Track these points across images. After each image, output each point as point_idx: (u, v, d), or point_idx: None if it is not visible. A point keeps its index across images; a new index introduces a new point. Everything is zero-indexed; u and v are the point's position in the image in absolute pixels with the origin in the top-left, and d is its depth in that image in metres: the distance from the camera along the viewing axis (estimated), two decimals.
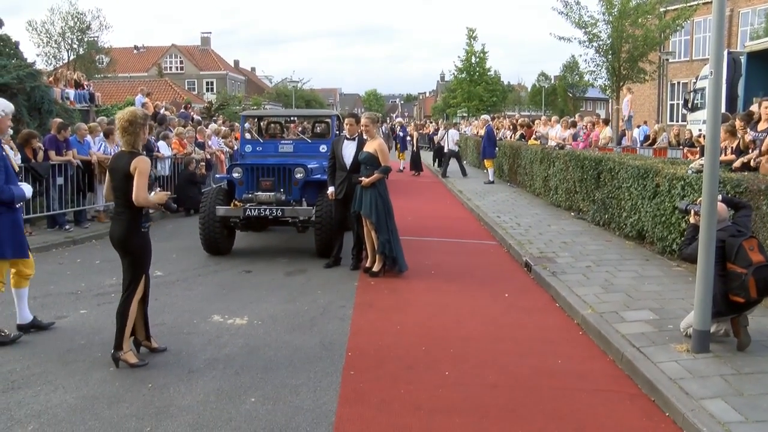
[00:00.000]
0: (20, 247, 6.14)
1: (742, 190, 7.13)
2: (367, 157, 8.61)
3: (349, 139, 9.09)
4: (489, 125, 21.96)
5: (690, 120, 21.49)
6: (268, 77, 79.85)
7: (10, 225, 6.04)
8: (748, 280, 5.28)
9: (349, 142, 9.06)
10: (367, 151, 8.63)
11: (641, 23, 26.09)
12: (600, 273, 8.23)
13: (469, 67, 48.24)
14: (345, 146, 9.08)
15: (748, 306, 5.43)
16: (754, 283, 5.28)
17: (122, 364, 5.42)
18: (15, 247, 6.07)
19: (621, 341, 5.77)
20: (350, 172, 8.91)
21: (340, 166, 9.07)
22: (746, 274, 5.30)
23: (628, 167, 10.18)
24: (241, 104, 42.07)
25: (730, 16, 32.57)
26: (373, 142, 8.74)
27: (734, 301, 5.41)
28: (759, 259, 5.36)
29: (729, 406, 4.44)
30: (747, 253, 5.38)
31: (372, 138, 8.83)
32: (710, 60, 5.54)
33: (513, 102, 64.95)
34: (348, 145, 9.07)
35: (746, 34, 31.51)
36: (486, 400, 4.89)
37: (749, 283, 5.28)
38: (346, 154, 9.03)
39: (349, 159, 9.00)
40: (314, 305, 7.35)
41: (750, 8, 33.14)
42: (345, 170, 9.00)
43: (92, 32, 46.02)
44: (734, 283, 5.37)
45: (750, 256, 5.36)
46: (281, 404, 4.77)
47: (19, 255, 6.15)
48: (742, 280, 5.31)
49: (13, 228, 6.08)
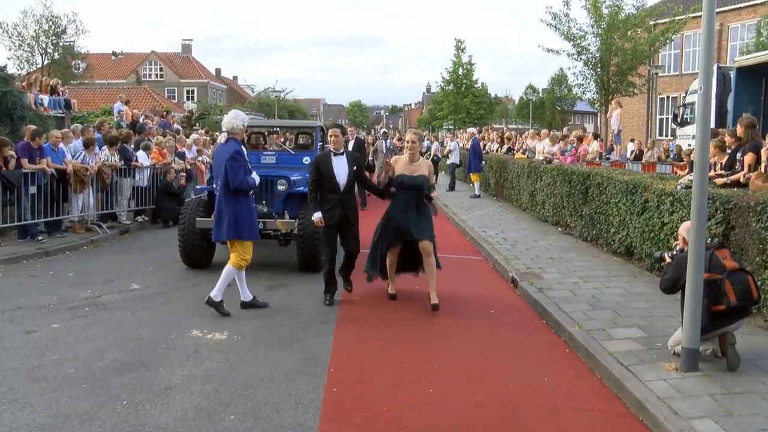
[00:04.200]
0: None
1: (731, 207, 7.23)
2: (423, 182, 7.87)
3: (337, 155, 7.99)
4: (475, 138, 22.10)
5: (679, 135, 21.74)
6: (250, 86, 79.83)
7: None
8: (724, 284, 5.40)
9: (339, 159, 7.98)
10: (423, 174, 7.87)
11: (630, 36, 26.45)
12: (587, 289, 8.28)
13: (456, 79, 48.44)
14: (336, 164, 7.94)
15: (730, 316, 5.49)
16: (731, 287, 5.40)
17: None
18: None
19: (609, 359, 5.80)
20: (343, 193, 7.96)
21: (330, 188, 7.93)
22: (722, 278, 5.43)
23: (616, 182, 10.28)
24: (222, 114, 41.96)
25: (720, 31, 33.10)
26: (422, 163, 8.03)
27: (717, 312, 5.48)
28: (732, 265, 5.54)
29: (718, 426, 4.47)
30: (720, 261, 5.54)
31: (414, 157, 7.96)
32: (699, 75, 5.63)
33: (500, 115, 65.31)
34: (338, 162, 7.96)
35: (736, 49, 32.03)
36: (471, 418, 4.90)
37: (726, 288, 5.40)
38: (339, 173, 7.92)
39: (343, 179, 7.92)
40: (296, 320, 7.33)
41: (739, 23, 33.69)
42: (338, 192, 7.92)
43: (68, 36, 45.74)
44: (713, 291, 5.46)
45: (723, 263, 5.54)
46: (261, 422, 4.75)
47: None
48: (719, 286, 5.42)
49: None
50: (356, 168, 8.03)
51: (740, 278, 5.46)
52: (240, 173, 7.43)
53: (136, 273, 9.61)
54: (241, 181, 7.43)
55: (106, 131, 15.12)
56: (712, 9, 5.41)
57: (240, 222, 7.46)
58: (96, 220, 13.11)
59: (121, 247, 12.08)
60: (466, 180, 23.74)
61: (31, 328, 6.91)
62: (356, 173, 8.02)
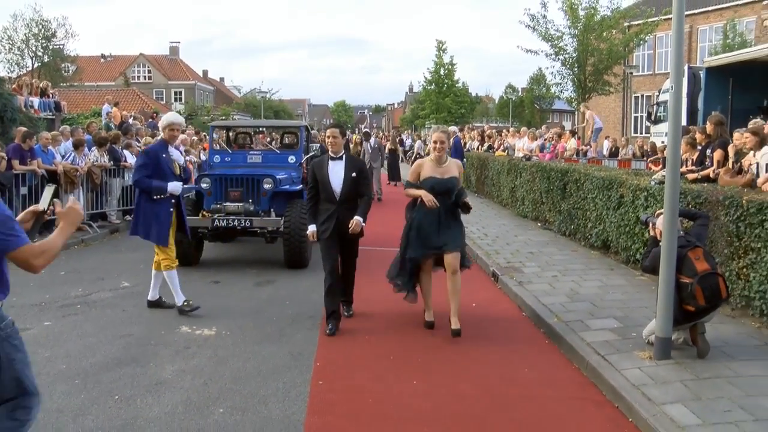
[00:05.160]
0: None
1: (702, 201, 7.31)
2: (455, 184, 6.76)
3: (334, 159, 6.85)
4: (456, 137, 22.12)
5: (653, 132, 21.92)
6: (236, 87, 79.38)
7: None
8: (694, 288, 5.45)
9: (336, 163, 6.83)
10: (454, 175, 6.75)
11: (606, 37, 26.64)
12: (566, 282, 8.34)
13: (437, 79, 48.46)
14: (331, 169, 6.80)
15: (700, 314, 5.56)
16: (701, 291, 5.43)
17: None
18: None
19: (586, 349, 5.86)
20: (340, 203, 6.77)
21: (325, 196, 6.83)
22: (692, 283, 5.47)
23: (593, 178, 10.35)
24: (210, 114, 41.78)
25: (690, 33, 33.48)
26: (451, 164, 6.86)
27: (687, 310, 5.56)
28: (704, 268, 5.52)
29: (688, 410, 4.55)
30: (693, 263, 5.55)
31: (442, 158, 6.79)
32: (671, 74, 5.68)
33: (481, 114, 65.40)
34: (334, 166, 6.82)
35: (705, 50, 32.38)
36: (454, 408, 4.93)
37: (696, 292, 5.44)
38: (333, 180, 6.77)
39: (338, 185, 6.76)
40: (283, 316, 7.33)
41: (708, 25, 34.16)
42: (334, 201, 6.76)
43: (57, 40, 45.26)
44: (684, 293, 5.52)
45: (695, 265, 5.54)
46: (250, 414, 4.76)
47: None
48: (689, 290, 5.47)
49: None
50: (356, 174, 6.83)
51: (710, 282, 5.47)
52: (139, 171, 7.22)
53: (126, 271, 9.55)
54: (137, 180, 7.25)
55: (95, 132, 15.02)
56: (682, 12, 5.48)
57: (149, 223, 7.23)
58: (86, 219, 13.02)
59: (111, 246, 12.01)
60: None
61: (23, 326, 6.84)
62: (356, 180, 6.82)
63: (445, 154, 6.88)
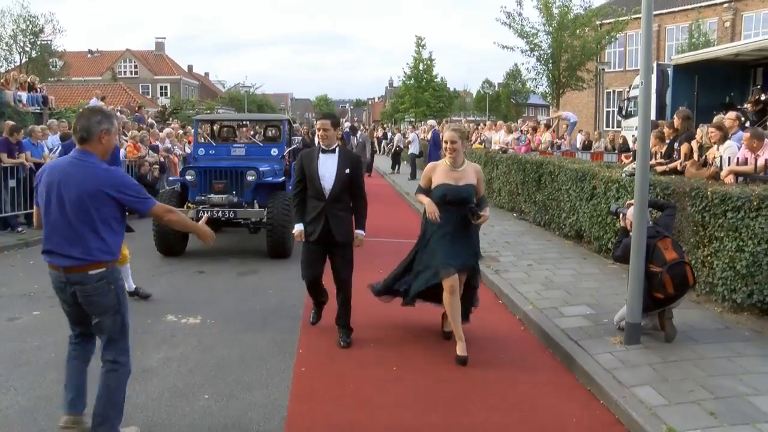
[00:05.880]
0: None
1: (669, 192, 7.38)
2: (471, 193, 5.72)
3: (326, 152, 5.94)
4: (435, 130, 22.16)
5: (624, 126, 22.07)
6: (221, 82, 78.63)
7: None
8: (663, 277, 5.51)
9: (328, 157, 5.91)
10: (470, 183, 5.69)
11: (579, 35, 26.76)
12: (541, 271, 8.39)
13: (417, 74, 48.52)
14: (322, 162, 5.88)
15: (669, 301, 5.64)
16: (670, 280, 5.51)
17: None
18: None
19: (560, 335, 5.90)
20: (330, 202, 5.87)
21: (314, 193, 5.91)
22: (662, 272, 5.53)
23: (567, 171, 10.40)
24: (195, 108, 41.38)
25: (658, 32, 33.80)
26: (467, 168, 5.76)
27: (657, 297, 5.62)
28: (673, 257, 5.59)
29: (655, 392, 4.62)
30: (662, 253, 5.62)
31: (460, 160, 5.73)
32: (640, 71, 5.72)
33: (459, 108, 65.47)
34: (326, 160, 5.90)
35: (672, 48, 32.71)
36: (433, 393, 4.95)
37: (665, 281, 5.51)
38: (324, 174, 5.85)
39: (329, 181, 5.85)
40: (266, 305, 7.31)
41: (675, 25, 34.68)
42: (322, 199, 5.85)
43: (45, 36, 44.55)
44: (654, 281, 5.58)
45: (665, 255, 5.60)
46: (234, 401, 4.74)
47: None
48: (659, 278, 5.53)
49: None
50: (350, 171, 5.91)
51: (678, 270, 5.55)
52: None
53: None
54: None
55: None
56: (650, 12, 5.54)
57: None
58: None
59: None
60: None
61: (13, 316, 6.78)
62: (349, 177, 5.90)
63: (461, 157, 5.75)
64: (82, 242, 3.76)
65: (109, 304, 3.90)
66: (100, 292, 3.84)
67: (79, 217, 3.73)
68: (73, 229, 3.75)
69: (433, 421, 4.48)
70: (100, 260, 3.79)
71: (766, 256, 5.94)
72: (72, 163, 3.85)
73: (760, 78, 14.92)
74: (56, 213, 3.78)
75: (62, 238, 3.79)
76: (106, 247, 3.81)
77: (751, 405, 4.40)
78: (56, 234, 3.81)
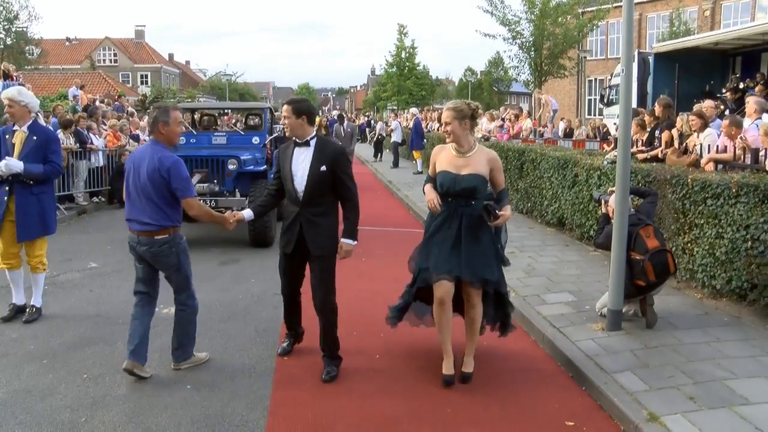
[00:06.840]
0: None
1: (651, 180, 7.42)
2: (478, 185, 4.72)
3: (300, 145, 4.85)
4: (417, 118, 22.17)
5: (606, 114, 22.17)
6: (202, 70, 77.86)
7: None
8: (645, 265, 5.55)
9: (302, 151, 4.83)
10: (476, 172, 4.70)
11: (561, 22, 26.76)
12: (523, 258, 8.42)
13: (399, 62, 48.34)
14: (296, 158, 4.85)
15: (650, 288, 5.69)
16: (651, 268, 5.56)
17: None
18: None
19: (542, 322, 5.94)
20: (304, 205, 4.81)
21: (287, 194, 4.94)
22: (644, 260, 5.58)
23: (549, 158, 10.43)
24: (176, 97, 40.97)
25: (639, 20, 33.93)
26: (477, 154, 4.78)
27: (638, 284, 5.66)
28: (654, 245, 5.65)
29: (637, 378, 4.67)
30: (644, 241, 5.67)
31: (466, 145, 4.79)
32: (622, 59, 5.73)
33: (441, 96, 65.40)
34: (299, 155, 4.84)
35: (654, 37, 32.87)
36: (415, 379, 4.96)
37: (647, 268, 5.56)
38: (296, 171, 4.82)
39: (301, 180, 4.78)
40: (248, 294, 7.27)
41: (656, 13, 34.85)
42: (296, 203, 4.84)
43: (20, 22, 43.78)
44: (635, 269, 5.62)
45: (646, 242, 5.66)
46: (217, 390, 4.72)
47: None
48: (641, 266, 5.57)
49: None
50: (326, 168, 4.75)
51: (660, 258, 5.60)
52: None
53: (93, 252, 9.38)
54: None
55: (61, 115, 14.61)
56: (631, 0, 5.55)
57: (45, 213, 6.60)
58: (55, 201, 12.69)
59: (79, 227, 11.75)
60: (408, 157, 23.77)
61: None
62: (328, 175, 4.76)
63: (467, 140, 4.78)
64: (148, 212, 4.76)
65: (172, 262, 4.95)
66: (164, 253, 4.87)
67: (145, 192, 4.74)
68: (141, 201, 4.78)
69: (414, 407, 4.49)
70: (163, 226, 4.78)
71: (744, 242, 6.00)
72: (144, 150, 4.91)
73: (739, 66, 15.09)
74: (132, 189, 4.83)
75: (135, 209, 4.82)
76: (166, 217, 4.80)
77: (728, 389, 4.46)
78: (132, 206, 4.85)
